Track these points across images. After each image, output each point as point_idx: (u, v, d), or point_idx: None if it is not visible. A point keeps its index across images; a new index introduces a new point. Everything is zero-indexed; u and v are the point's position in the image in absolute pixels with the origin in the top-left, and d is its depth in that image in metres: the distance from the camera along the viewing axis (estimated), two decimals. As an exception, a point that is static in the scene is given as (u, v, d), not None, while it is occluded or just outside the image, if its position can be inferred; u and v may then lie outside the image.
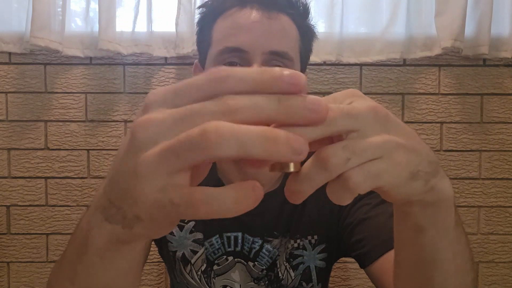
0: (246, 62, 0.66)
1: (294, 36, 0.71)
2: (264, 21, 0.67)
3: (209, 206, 0.24)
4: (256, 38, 0.66)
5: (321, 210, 0.75)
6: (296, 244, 0.75)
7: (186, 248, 0.77)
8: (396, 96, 1.30)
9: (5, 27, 1.25)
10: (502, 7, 1.27)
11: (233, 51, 0.67)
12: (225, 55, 0.67)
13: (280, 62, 0.68)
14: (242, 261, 0.77)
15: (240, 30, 0.67)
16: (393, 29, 1.25)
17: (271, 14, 0.67)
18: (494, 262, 1.32)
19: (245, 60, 0.66)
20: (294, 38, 0.71)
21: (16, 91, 1.27)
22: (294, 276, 0.76)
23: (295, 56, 0.70)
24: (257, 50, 0.66)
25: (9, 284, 1.30)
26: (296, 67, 0.71)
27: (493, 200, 1.31)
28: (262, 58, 0.66)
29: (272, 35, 0.67)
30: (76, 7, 1.27)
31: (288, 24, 0.70)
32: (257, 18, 0.67)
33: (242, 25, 0.67)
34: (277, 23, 0.68)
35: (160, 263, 1.30)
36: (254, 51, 0.66)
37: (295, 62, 0.70)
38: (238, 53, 0.66)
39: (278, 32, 0.68)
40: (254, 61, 0.66)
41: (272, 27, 0.67)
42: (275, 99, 0.24)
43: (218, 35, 0.69)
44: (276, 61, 0.67)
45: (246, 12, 0.68)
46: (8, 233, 1.29)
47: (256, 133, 0.23)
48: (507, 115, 1.30)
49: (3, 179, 1.29)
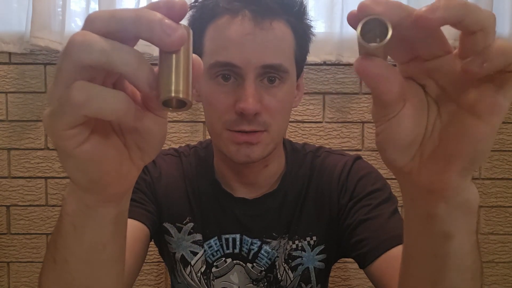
0: (239, 76, 0.65)
1: (289, 43, 0.69)
2: (257, 32, 0.64)
3: (92, 104, 0.28)
4: (248, 53, 0.64)
5: (320, 211, 0.75)
6: (295, 245, 0.75)
7: (185, 250, 0.77)
8: (396, 96, 1.30)
9: (5, 27, 1.25)
10: (502, 7, 1.27)
11: (225, 65, 0.65)
12: (216, 69, 0.66)
13: (275, 74, 0.66)
14: (241, 263, 0.77)
15: (232, 43, 0.64)
16: (393, 29, 1.25)
17: (264, 24, 0.64)
18: (494, 262, 1.32)
19: (238, 74, 0.65)
20: (289, 46, 0.69)
21: (16, 91, 1.27)
22: (293, 277, 0.76)
23: (290, 65, 0.69)
24: (250, 65, 0.64)
25: (9, 284, 1.30)
26: (291, 75, 0.69)
27: (493, 200, 1.31)
28: (255, 72, 0.65)
29: (265, 48, 0.65)
30: (76, 7, 1.27)
31: (282, 32, 0.67)
32: (249, 30, 0.64)
33: (234, 39, 0.64)
34: (270, 34, 0.65)
35: (160, 263, 1.30)
36: (246, 66, 0.64)
37: (290, 72, 0.68)
38: (230, 67, 0.65)
39: (272, 45, 0.65)
40: (247, 75, 0.64)
41: (265, 39, 0.65)
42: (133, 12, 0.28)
43: (210, 45, 0.67)
44: (271, 74, 0.66)
45: (238, 23, 0.65)
46: (8, 233, 1.29)
47: (129, 12, 0.28)
48: (507, 115, 1.30)
49: (3, 179, 1.29)
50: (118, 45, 0.28)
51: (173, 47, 0.28)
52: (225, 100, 0.66)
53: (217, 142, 0.71)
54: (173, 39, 0.28)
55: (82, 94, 0.28)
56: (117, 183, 0.34)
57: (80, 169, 0.32)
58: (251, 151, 0.67)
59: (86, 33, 0.28)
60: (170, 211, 0.77)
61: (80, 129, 0.30)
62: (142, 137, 0.34)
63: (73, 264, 0.38)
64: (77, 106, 0.28)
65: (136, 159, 0.35)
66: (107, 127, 0.33)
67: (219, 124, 0.67)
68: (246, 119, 0.65)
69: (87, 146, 0.31)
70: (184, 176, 0.79)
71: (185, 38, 0.29)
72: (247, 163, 0.69)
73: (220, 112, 0.67)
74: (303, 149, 0.81)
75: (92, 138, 0.31)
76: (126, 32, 0.28)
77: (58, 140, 0.30)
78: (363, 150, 1.30)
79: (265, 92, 0.66)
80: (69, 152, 0.30)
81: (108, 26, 0.28)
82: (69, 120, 0.29)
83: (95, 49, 0.27)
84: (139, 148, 0.35)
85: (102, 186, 0.34)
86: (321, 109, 1.29)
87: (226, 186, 0.77)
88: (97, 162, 0.32)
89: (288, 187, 0.77)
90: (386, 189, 0.73)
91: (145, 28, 0.28)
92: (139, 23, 0.28)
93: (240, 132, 0.66)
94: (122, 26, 0.28)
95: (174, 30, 0.28)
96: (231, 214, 0.76)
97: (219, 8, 0.66)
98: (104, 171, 0.33)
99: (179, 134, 1.29)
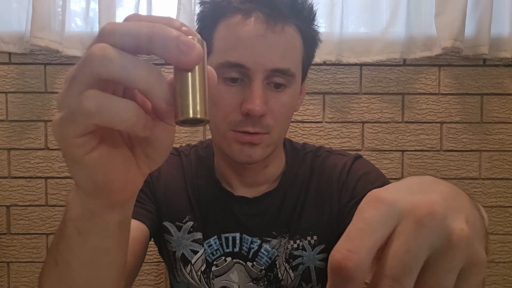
0: (247, 78, 0.65)
1: (298, 48, 0.69)
2: (269, 35, 0.64)
3: (103, 114, 0.28)
4: (259, 55, 0.64)
5: (320, 211, 0.75)
6: (295, 245, 0.75)
7: (185, 248, 0.77)
8: (396, 96, 1.30)
9: (5, 27, 1.25)
10: (502, 7, 1.27)
11: (234, 66, 0.65)
12: (225, 68, 0.66)
13: (282, 78, 0.67)
14: (241, 262, 0.77)
15: (243, 44, 0.65)
16: (393, 29, 1.25)
17: (276, 27, 0.65)
18: (494, 262, 1.32)
19: (246, 75, 0.65)
20: (298, 51, 0.69)
21: (16, 91, 1.27)
22: (294, 276, 0.76)
23: (297, 69, 0.69)
24: (259, 68, 0.64)
25: (9, 284, 1.30)
26: (297, 80, 0.70)
27: (493, 200, 1.31)
28: (263, 75, 0.65)
29: (275, 52, 0.65)
30: (76, 7, 1.27)
31: (292, 37, 0.68)
32: (261, 32, 0.64)
33: (245, 39, 0.64)
34: (281, 38, 0.65)
35: (160, 263, 1.30)
36: (255, 68, 0.64)
37: (296, 77, 0.69)
38: (239, 68, 0.65)
39: (282, 48, 0.66)
40: (256, 77, 0.64)
41: (275, 42, 0.65)
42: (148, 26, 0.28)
43: (220, 44, 0.67)
44: (278, 78, 0.66)
45: (250, 24, 0.65)
46: (8, 233, 1.29)
47: (143, 26, 0.28)
48: (507, 115, 1.30)
49: (3, 179, 1.29)
50: (138, 61, 0.28)
51: (190, 66, 0.28)
52: (231, 100, 0.66)
53: (220, 141, 0.71)
54: (190, 59, 0.28)
55: (94, 103, 0.27)
56: (122, 190, 0.35)
57: (87, 176, 0.32)
58: (253, 151, 0.67)
59: (106, 46, 0.28)
60: (170, 210, 0.77)
61: (90, 137, 0.30)
62: (151, 146, 0.34)
63: (75, 267, 0.39)
64: (88, 114, 0.28)
65: (143, 166, 0.35)
66: (116, 135, 0.33)
67: (223, 124, 0.67)
68: (251, 121, 0.65)
69: (95, 154, 0.31)
70: (184, 175, 0.79)
71: (202, 56, 0.28)
72: (248, 163, 0.69)
73: (225, 112, 0.67)
74: (303, 149, 0.81)
75: (100, 146, 0.31)
76: (141, 49, 0.28)
77: (67, 147, 0.30)
78: (363, 150, 1.30)
79: (270, 95, 0.67)
80: (77, 160, 0.31)
81: (124, 42, 0.28)
82: (79, 128, 0.29)
83: (115, 64, 0.27)
84: (146, 156, 0.35)
85: (107, 192, 0.34)
86: (321, 109, 1.29)
87: (226, 185, 0.77)
88: (104, 169, 0.32)
89: (287, 186, 0.77)
90: None
91: (160, 47, 0.28)
92: (155, 41, 0.28)
93: (244, 132, 0.66)
94: (138, 43, 0.28)
95: (190, 49, 0.28)
96: (231, 213, 0.76)
97: (232, 7, 0.67)
98: (110, 178, 0.33)
99: (179, 134, 1.29)
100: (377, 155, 1.30)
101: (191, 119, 0.28)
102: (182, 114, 0.28)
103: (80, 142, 0.30)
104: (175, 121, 0.29)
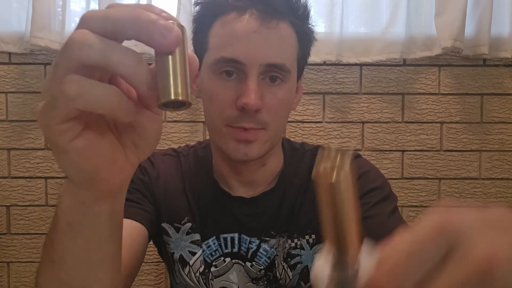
0: (243, 73, 0.66)
1: (293, 45, 0.70)
2: (263, 31, 0.65)
3: (82, 97, 0.28)
4: (254, 50, 0.65)
5: (318, 209, 0.75)
6: (293, 244, 0.75)
7: (183, 250, 0.77)
8: (396, 96, 1.30)
9: (5, 27, 1.25)
10: (502, 7, 1.27)
11: (229, 61, 0.66)
12: (221, 64, 0.66)
13: (277, 73, 0.67)
14: (240, 262, 0.76)
15: (238, 40, 0.65)
16: (393, 29, 1.25)
17: (270, 23, 0.66)
18: (494, 262, 1.32)
19: (241, 70, 0.66)
20: (293, 47, 0.70)
21: (16, 91, 1.27)
22: (292, 275, 0.76)
23: (292, 66, 0.70)
24: (254, 63, 0.65)
25: (9, 284, 1.30)
26: (292, 76, 0.70)
27: (493, 200, 1.31)
28: (259, 70, 0.65)
29: (270, 47, 0.66)
30: (76, 7, 1.27)
31: (287, 33, 0.68)
32: (255, 28, 0.65)
33: (240, 35, 0.65)
34: (275, 34, 0.66)
35: (159, 263, 1.30)
36: (250, 64, 0.65)
37: (291, 73, 0.70)
38: (235, 63, 0.65)
39: (276, 44, 0.67)
40: (251, 72, 0.65)
41: (270, 38, 0.66)
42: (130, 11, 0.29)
43: (215, 41, 0.68)
44: (273, 73, 0.67)
45: (245, 20, 0.66)
46: (8, 233, 1.29)
47: (125, 11, 0.28)
48: (507, 115, 1.30)
49: (3, 179, 1.29)
50: (117, 46, 0.28)
51: (169, 49, 0.29)
52: (227, 95, 0.66)
53: (216, 137, 0.71)
54: (169, 41, 0.28)
55: (74, 87, 0.28)
56: (111, 179, 0.35)
57: (73, 164, 0.32)
58: (249, 149, 0.67)
59: (86, 32, 0.28)
60: (168, 211, 0.77)
61: (73, 124, 0.30)
62: (138, 134, 0.34)
63: (69, 263, 0.39)
64: (69, 99, 0.28)
65: (131, 156, 0.35)
66: (101, 123, 0.33)
67: (219, 119, 0.68)
68: (246, 116, 0.65)
69: (80, 141, 0.31)
70: (182, 176, 0.79)
71: (180, 38, 0.29)
72: (244, 161, 0.69)
73: (221, 107, 0.67)
74: (301, 148, 0.81)
75: (85, 133, 0.31)
76: (121, 34, 0.29)
77: (51, 134, 0.30)
78: (363, 150, 1.30)
79: (266, 90, 0.67)
80: (62, 147, 0.31)
81: (104, 27, 0.28)
82: (61, 114, 0.29)
83: (95, 49, 0.28)
84: (134, 145, 0.35)
85: (96, 182, 0.34)
86: (321, 109, 1.29)
87: (224, 185, 0.77)
88: (90, 157, 0.32)
89: (286, 186, 0.77)
90: (385, 186, 0.73)
91: (139, 30, 0.28)
92: (133, 25, 0.28)
93: (240, 128, 0.66)
94: (117, 28, 0.28)
95: (169, 31, 0.28)
96: (229, 213, 0.76)
97: (227, 5, 0.67)
98: (97, 166, 0.33)
99: (179, 134, 1.29)
100: (377, 155, 1.30)
101: (172, 101, 0.29)
102: (163, 96, 0.28)
103: (64, 128, 0.30)
104: (157, 105, 0.29)
